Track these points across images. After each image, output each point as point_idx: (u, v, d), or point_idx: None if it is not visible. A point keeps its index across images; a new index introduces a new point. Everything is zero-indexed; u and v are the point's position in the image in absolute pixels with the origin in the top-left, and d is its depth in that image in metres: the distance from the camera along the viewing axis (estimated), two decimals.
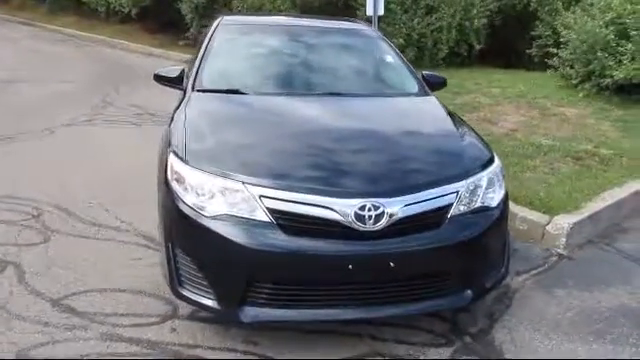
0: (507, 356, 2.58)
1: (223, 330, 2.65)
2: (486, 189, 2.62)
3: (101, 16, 15.48)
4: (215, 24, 3.94)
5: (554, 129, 6.18)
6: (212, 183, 2.40)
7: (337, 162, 2.56)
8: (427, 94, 3.58)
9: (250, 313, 2.35)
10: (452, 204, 2.48)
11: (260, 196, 2.33)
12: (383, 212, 2.32)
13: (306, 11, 10.50)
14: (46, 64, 11.09)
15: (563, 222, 3.70)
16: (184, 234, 2.45)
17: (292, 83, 3.48)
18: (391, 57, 3.84)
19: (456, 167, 2.64)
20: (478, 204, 2.57)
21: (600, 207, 4.02)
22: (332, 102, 3.27)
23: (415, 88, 3.61)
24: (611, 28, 7.18)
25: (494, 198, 2.65)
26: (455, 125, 3.09)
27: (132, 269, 3.21)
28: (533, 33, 9.23)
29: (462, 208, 2.51)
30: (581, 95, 7.55)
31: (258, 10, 10.53)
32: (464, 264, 2.53)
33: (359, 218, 2.30)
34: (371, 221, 2.31)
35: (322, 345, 2.58)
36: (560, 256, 3.61)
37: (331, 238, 2.32)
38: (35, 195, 4.20)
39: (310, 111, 3.08)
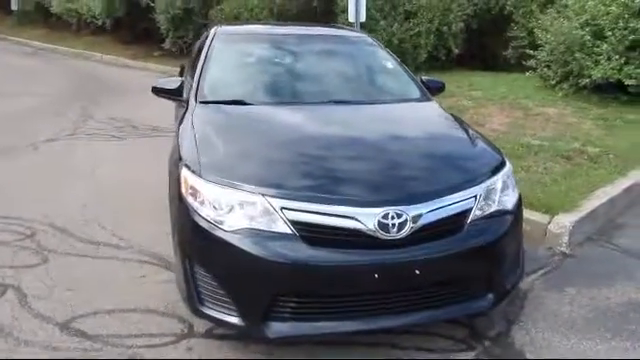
0: (528, 356, 2.59)
1: (242, 346, 2.59)
2: (501, 192, 2.63)
3: (72, 28, 15.20)
4: (211, 34, 3.87)
5: (539, 129, 6.30)
6: (230, 196, 2.34)
7: (356, 171, 2.54)
8: (429, 99, 3.60)
9: (275, 328, 2.29)
10: (471, 208, 2.48)
11: (282, 208, 2.28)
12: (406, 220, 2.31)
13: (284, 19, 10.50)
14: (18, 78, 10.81)
15: (565, 221, 3.75)
16: (203, 250, 2.39)
17: (296, 92, 3.45)
18: (391, 64, 3.85)
19: (472, 171, 2.64)
20: (494, 207, 2.58)
21: (596, 205, 4.09)
22: (340, 110, 3.25)
23: (417, 93, 3.63)
24: (586, 29, 7.35)
25: (509, 201, 2.67)
26: (464, 129, 3.11)
27: (138, 287, 3.12)
28: (509, 34, 9.40)
29: (480, 212, 2.52)
30: (560, 95, 7.71)
31: (236, 19, 10.48)
32: (485, 268, 2.54)
33: (383, 227, 2.28)
34: (394, 229, 2.29)
35: (342, 356, 2.55)
36: (564, 255, 3.66)
37: (355, 248, 2.29)
38: (26, 214, 4.06)
39: (320, 120, 3.06)
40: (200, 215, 2.37)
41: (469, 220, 2.47)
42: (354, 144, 2.77)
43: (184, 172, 2.52)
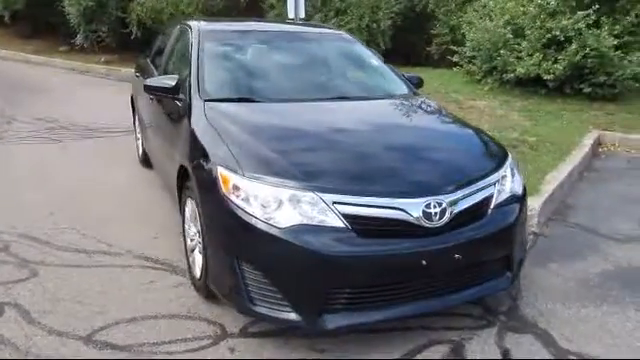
0: (541, 325, 2.85)
1: (282, 343, 2.59)
2: (511, 178, 2.88)
3: None
4: (195, 31, 3.70)
5: (476, 121, 6.76)
6: (279, 193, 2.35)
7: (392, 163, 2.64)
8: (418, 94, 3.78)
9: (332, 320, 2.34)
10: (493, 194, 2.69)
11: (334, 202, 2.34)
12: (445, 208, 2.46)
13: (209, 14, 10.28)
14: None
15: (534, 204, 4.10)
16: (253, 248, 2.37)
17: (299, 89, 3.46)
18: (376, 60, 3.99)
19: (489, 160, 2.87)
20: (508, 192, 2.81)
21: (552, 188, 4.53)
22: (349, 106, 3.33)
23: (405, 89, 3.80)
24: (508, 28, 8.00)
25: (518, 185, 2.92)
26: (464, 123, 3.33)
27: (150, 293, 3.01)
28: (432, 32, 9.94)
29: (499, 197, 2.73)
30: (486, 89, 8.33)
31: (159, 14, 10.08)
32: (505, 248, 2.76)
33: (427, 216, 2.41)
34: (436, 217, 2.43)
35: (385, 342, 2.63)
36: (535, 234, 4.01)
37: (402, 237, 2.40)
38: None
39: (336, 115, 3.13)
40: (247, 213, 2.36)
41: (492, 205, 2.67)
42: (378, 137, 2.87)
43: (221, 171, 2.48)
